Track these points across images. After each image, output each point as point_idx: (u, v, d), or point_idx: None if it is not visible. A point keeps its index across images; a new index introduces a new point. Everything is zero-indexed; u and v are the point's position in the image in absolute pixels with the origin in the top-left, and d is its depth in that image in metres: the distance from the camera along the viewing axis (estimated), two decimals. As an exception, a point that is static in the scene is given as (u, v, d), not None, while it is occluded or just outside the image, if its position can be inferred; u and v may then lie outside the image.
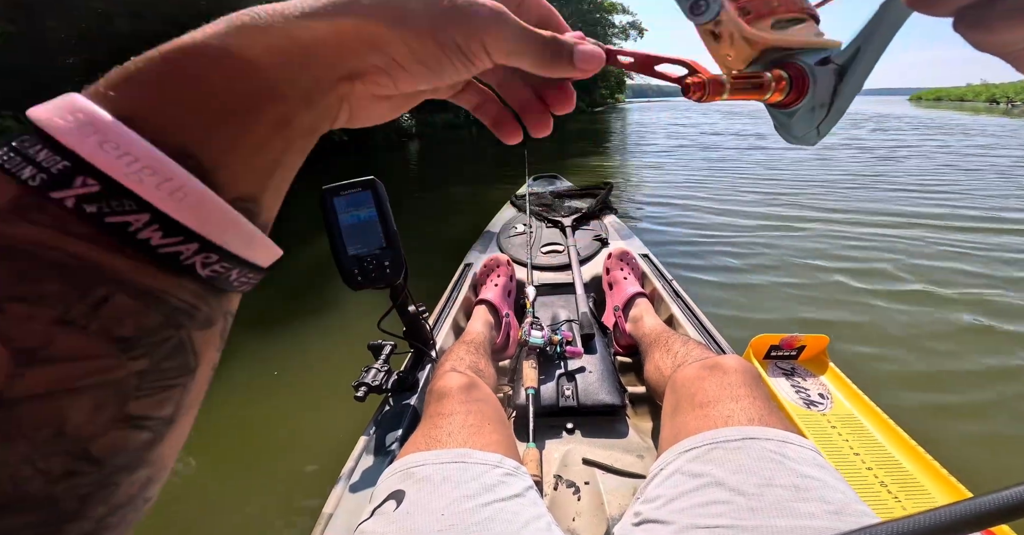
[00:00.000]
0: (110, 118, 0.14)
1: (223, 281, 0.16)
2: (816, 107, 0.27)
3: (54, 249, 0.13)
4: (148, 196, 0.14)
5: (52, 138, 0.14)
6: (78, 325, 0.13)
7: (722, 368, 0.61)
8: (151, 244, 0.14)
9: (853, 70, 0.25)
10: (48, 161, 0.14)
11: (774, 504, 0.42)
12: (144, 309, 0.15)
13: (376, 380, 0.85)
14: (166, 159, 0.14)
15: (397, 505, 0.49)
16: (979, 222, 3.32)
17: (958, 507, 0.20)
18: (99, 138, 0.14)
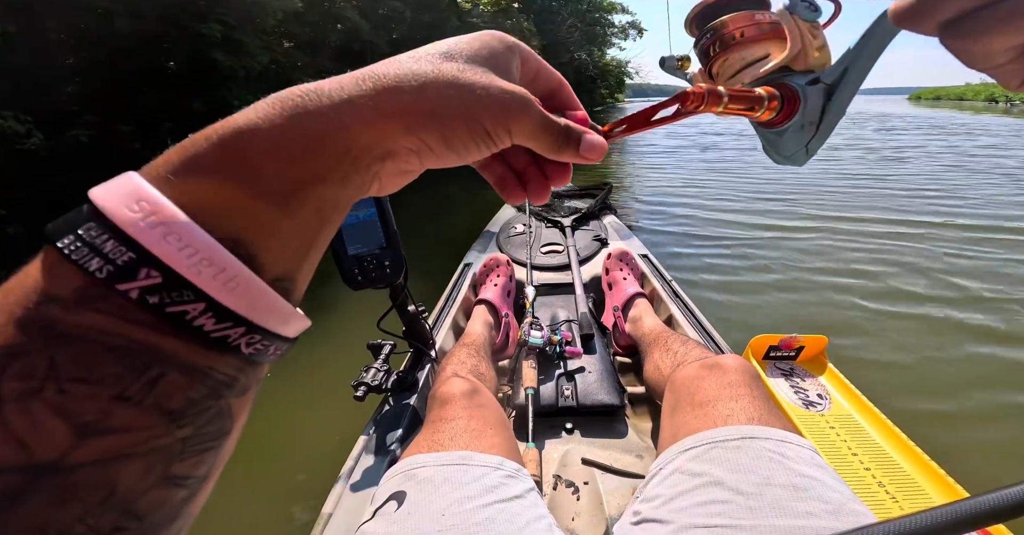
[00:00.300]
0: (174, 210, 0.15)
1: (261, 356, 0.18)
2: (805, 125, 0.27)
3: (116, 335, 0.15)
4: (205, 287, 0.15)
5: (118, 229, 0.15)
6: (134, 401, 0.15)
7: (721, 368, 0.61)
8: (204, 329, 0.16)
9: (841, 89, 0.26)
10: (114, 253, 0.14)
11: (772, 504, 0.42)
12: (192, 384, 0.16)
13: (376, 380, 0.85)
14: (222, 250, 0.15)
15: (398, 506, 0.49)
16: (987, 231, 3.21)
17: (955, 507, 0.20)
18: (163, 230, 0.15)
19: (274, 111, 0.17)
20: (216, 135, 0.17)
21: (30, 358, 0.14)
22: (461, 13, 16.02)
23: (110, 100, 5.24)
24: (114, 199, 0.15)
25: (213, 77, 5.75)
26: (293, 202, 0.17)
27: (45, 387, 0.14)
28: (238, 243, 0.16)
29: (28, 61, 4.55)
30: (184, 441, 0.16)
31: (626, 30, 39.48)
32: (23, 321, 0.14)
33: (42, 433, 0.14)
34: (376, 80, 0.19)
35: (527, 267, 1.42)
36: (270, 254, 0.17)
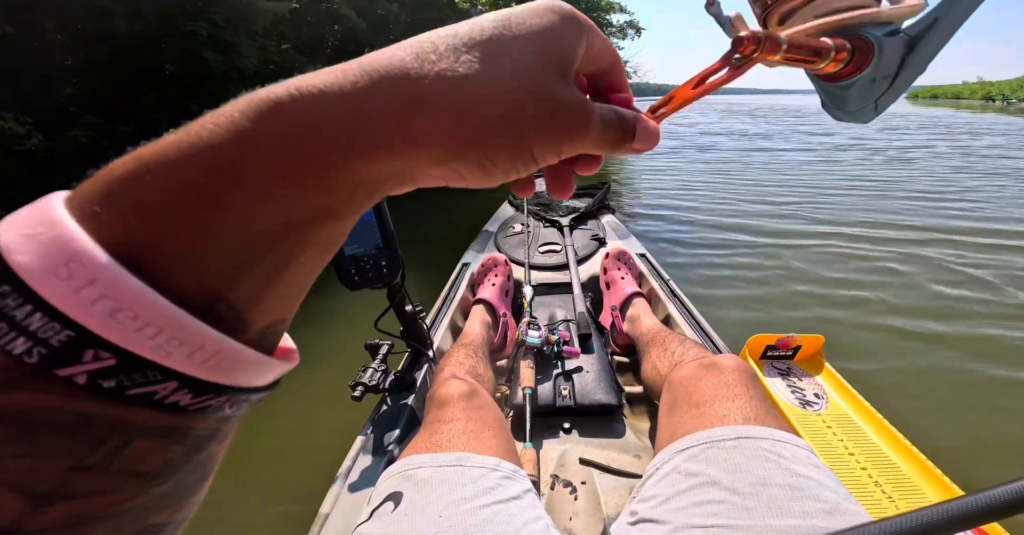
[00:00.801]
0: (119, 272, 0.11)
1: (242, 408, 0.15)
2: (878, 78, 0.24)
3: (59, 412, 0.12)
4: (177, 367, 0.12)
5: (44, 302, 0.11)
6: (96, 469, 0.12)
7: (718, 367, 0.61)
8: (180, 404, 0.13)
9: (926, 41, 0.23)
10: (45, 331, 0.11)
11: (769, 503, 0.42)
12: (168, 446, 0.14)
13: (373, 380, 0.85)
14: (195, 324, 0.12)
15: (395, 507, 0.49)
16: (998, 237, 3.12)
17: (949, 505, 0.20)
18: (109, 305, 0.11)
19: (263, 126, 0.12)
20: (175, 154, 0.12)
21: None
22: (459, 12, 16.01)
23: (109, 100, 5.25)
24: (34, 253, 0.11)
25: (212, 77, 5.75)
26: (291, 245, 0.14)
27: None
28: (217, 302, 0.13)
29: (27, 62, 4.54)
30: (161, 496, 0.14)
31: (624, 30, 39.53)
32: None
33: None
34: (402, 88, 0.14)
35: (525, 267, 1.42)
36: (261, 307, 0.14)
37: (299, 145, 0.13)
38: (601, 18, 32.97)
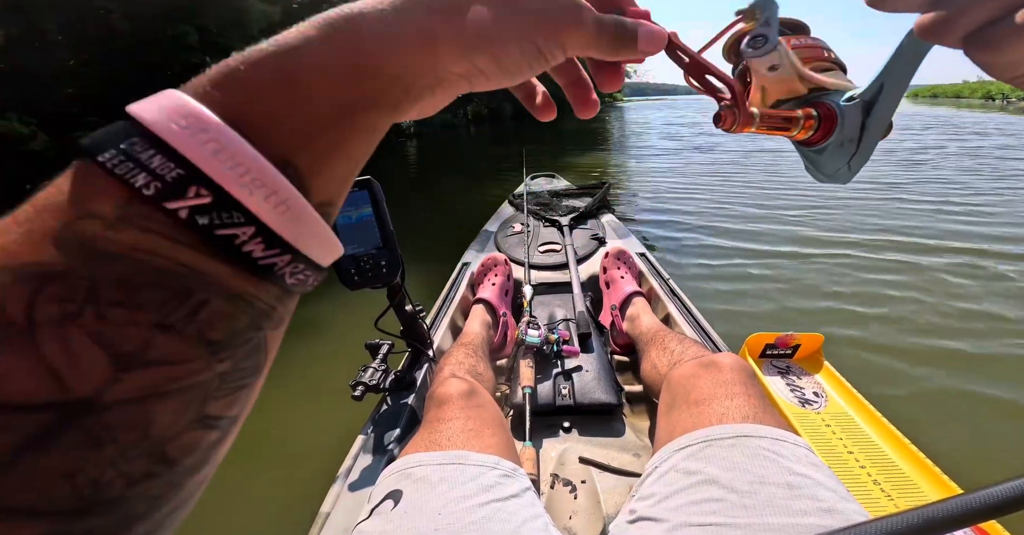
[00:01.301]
0: (224, 125, 0.14)
1: (301, 286, 0.17)
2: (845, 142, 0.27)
3: (161, 256, 0.13)
4: (255, 209, 0.14)
5: (165, 143, 0.13)
6: (175, 330, 0.14)
7: (717, 366, 0.61)
8: (253, 255, 0.15)
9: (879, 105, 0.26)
10: (162, 168, 0.13)
11: (767, 502, 0.42)
12: (235, 313, 0.15)
13: (373, 379, 0.85)
14: (275, 171, 0.15)
15: (395, 505, 0.49)
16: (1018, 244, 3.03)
17: (948, 504, 0.21)
18: (214, 147, 0.14)
19: (323, 33, 0.16)
20: (263, 53, 0.16)
21: (69, 279, 0.12)
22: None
23: (110, 101, 5.25)
24: (158, 112, 0.14)
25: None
26: (346, 126, 0.17)
27: (84, 312, 0.12)
28: (287, 165, 0.15)
29: (30, 63, 4.55)
30: (222, 376, 0.15)
31: (624, 29, 39.51)
32: (61, 238, 0.13)
33: (79, 365, 0.12)
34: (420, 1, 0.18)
35: (525, 266, 1.42)
36: (319, 178, 0.16)
37: (344, 44, 0.16)
38: (601, 17, 32.93)
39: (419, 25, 0.17)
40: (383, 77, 0.17)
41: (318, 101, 0.16)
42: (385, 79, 0.17)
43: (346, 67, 0.16)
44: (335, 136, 0.16)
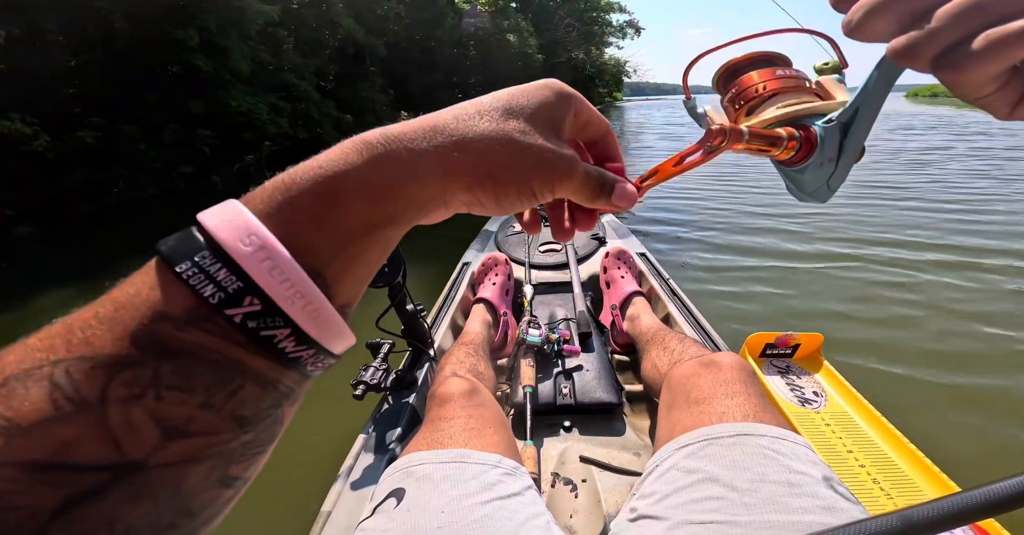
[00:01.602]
0: (280, 248, 0.17)
1: (317, 371, 0.20)
2: (824, 162, 0.29)
3: (215, 352, 0.17)
4: (294, 316, 0.17)
5: (232, 260, 0.16)
6: (215, 408, 0.17)
7: (717, 365, 0.62)
8: (286, 351, 0.18)
9: (855, 126, 0.27)
10: (226, 281, 0.16)
11: (767, 500, 0.43)
12: (263, 395, 0.18)
13: (375, 378, 0.86)
14: (312, 285, 0.17)
15: (398, 503, 0.49)
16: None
17: (947, 501, 0.21)
18: (270, 265, 0.17)
19: (362, 157, 0.19)
20: (313, 175, 0.18)
21: (139, 368, 0.15)
22: (458, 11, 15.96)
23: (111, 101, 5.24)
24: (228, 231, 0.17)
25: (214, 80, 5.75)
26: (367, 241, 0.20)
27: (146, 393, 0.15)
28: (319, 275, 0.18)
29: (31, 63, 4.54)
30: (245, 445, 0.18)
31: (624, 29, 39.46)
32: (137, 335, 0.16)
33: (136, 434, 0.15)
34: (446, 137, 0.20)
35: (525, 266, 1.42)
36: (342, 285, 0.19)
37: (380, 171, 0.19)
38: (600, 18, 32.96)
39: (442, 159, 0.20)
40: (404, 199, 0.20)
41: (351, 219, 0.19)
42: (405, 202, 0.20)
43: (376, 190, 0.19)
44: (359, 248, 0.19)
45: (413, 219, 0.21)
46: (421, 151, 0.20)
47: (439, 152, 0.20)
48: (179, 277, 0.16)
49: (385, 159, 0.19)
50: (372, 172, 0.19)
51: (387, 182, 0.19)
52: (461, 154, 0.20)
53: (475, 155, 0.21)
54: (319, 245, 0.18)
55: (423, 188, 0.20)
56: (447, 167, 0.20)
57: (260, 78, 6.76)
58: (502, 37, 19.35)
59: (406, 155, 0.20)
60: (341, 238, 0.19)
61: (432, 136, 0.20)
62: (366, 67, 10.28)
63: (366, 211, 0.19)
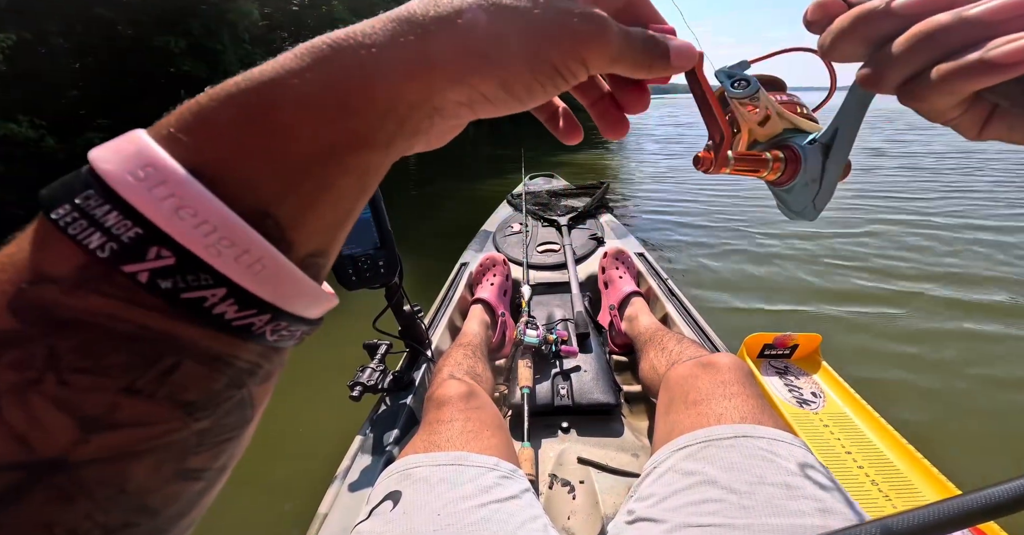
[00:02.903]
0: (186, 176, 0.13)
1: (286, 341, 0.16)
2: (809, 182, 0.30)
3: (123, 321, 0.13)
4: (226, 270, 0.13)
5: (122, 199, 0.12)
6: (145, 393, 0.13)
7: (715, 366, 0.61)
8: (225, 317, 0.14)
9: (835, 146, 0.29)
10: (119, 227, 0.12)
11: (765, 502, 0.42)
12: (211, 374, 0.14)
13: (372, 380, 0.85)
14: (246, 228, 0.13)
15: (394, 505, 0.49)
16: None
17: (946, 504, 0.21)
18: (175, 203, 0.13)
19: (303, 63, 0.14)
20: (236, 88, 0.14)
21: (27, 346, 0.12)
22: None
23: (114, 104, 5.29)
24: (116, 162, 0.13)
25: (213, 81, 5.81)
26: (332, 169, 0.15)
27: (44, 378, 0.12)
28: (265, 217, 0.14)
29: (35, 66, 4.60)
30: (201, 433, 0.15)
31: (622, 29, 39.54)
32: (18, 303, 0.12)
33: (43, 428, 0.12)
34: (414, 23, 0.16)
35: (523, 266, 1.42)
36: (303, 229, 0.15)
37: (330, 76, 0.15)
38: (599, 17, 32.93)
39: (411, 48, 0.15)
40: (373, 111, 0.15)
41: (299, 142, 0.14)
42: (375, 113, 0.15)
43: (330, 101, 0.15)
44: (321, 181, 0.15)
45: (396, 138, 0.16)
46: (383, 45, 0.15)
47: (407, 42, 0.15)
48: (57, 226, 0.12)
49: (338, 63, 0.15)
50: (317, 77, 0.14)
51: (343, 89, 0.15)
52: (437, 37, 0.16)
53: (456, 34, 0.16)
54: (258, 178, 0.14)
55: (396, 91, 0.15)
56: (421, 57, 0.15)
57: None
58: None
59: (364, 53, 0.15)
60: (291, 167, 0.14)
61: (395, 27, 0.16)
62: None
63: (320, 130, 0.14)
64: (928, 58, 0.17)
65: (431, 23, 0.16)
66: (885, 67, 0.19)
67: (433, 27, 0.16)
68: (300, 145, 0.14)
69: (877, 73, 0.19)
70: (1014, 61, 0.15)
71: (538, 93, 0.18)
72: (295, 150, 0.14)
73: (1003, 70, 0.16)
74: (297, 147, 0.14)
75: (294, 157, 0.14)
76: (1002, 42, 0.16)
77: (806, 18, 0.21)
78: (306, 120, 0.14)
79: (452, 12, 0.16)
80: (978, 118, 0.19)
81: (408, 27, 0.16)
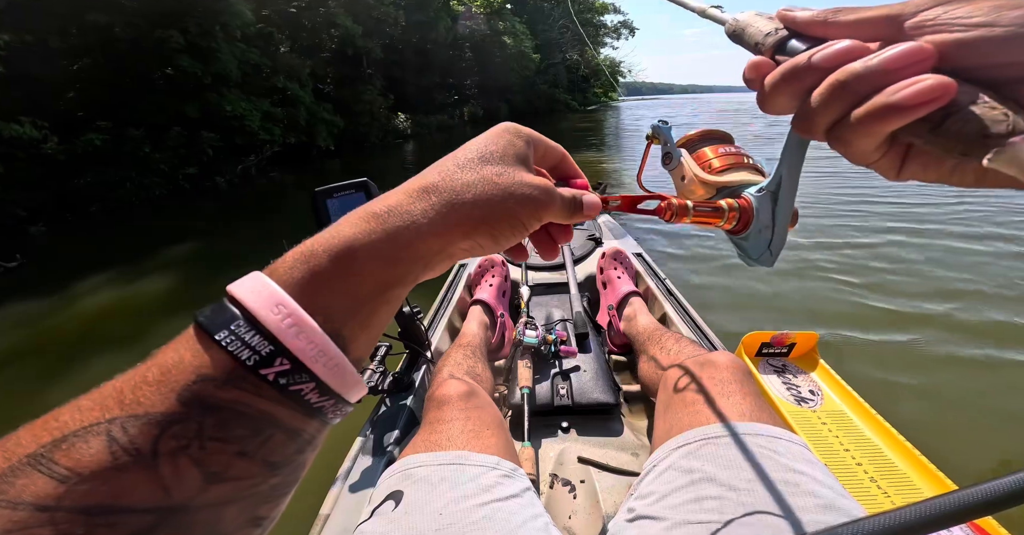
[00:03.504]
0: (305, 316, 0.20)
1: (336, 418, 0.22)
2: (762, 229, 0.31)
3: (249, 406, 0.19)
4: (317, 371, 0.20)
5: (265, 329, 0.19)
6: (250, 455, 0.19)
7: (714, 365, 0.62)
8: (311, 402, 0.20)
9: (782, 192, 0.30)
10: (259, 346, 0.19)
11: (765, 499, 0.43)
12: (290, 442, 0.20)
13: (372, 381, 0.85)
14: (333, 346, 0.20)
15: (396, 505, 0.49)
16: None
17: (944, 500, 0.21)
18: (296, 331, 0.19)
19: (370, 226, 0.22)
20: (330, 246, 0.21)
21: (185, 423, 0.18)
22: (453, 13, 15.97)
23: (112, 104, 5.27)
24: (258, 302, 0.19)
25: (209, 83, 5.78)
26: (379, 302, 0.22)
27: (191, 445, 0.18)
28: (339, 336, 0.21)
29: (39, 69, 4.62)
30: (273, 487, 0.20)
31: (618, 30, 39.57)
32: (183, 395, 0.18)
33: (182, 480, 0.17)
34: (438, 195, 0.23)
35: (522, 267, 1.42)
36: (357, 342, 0.22)
37: (390, 237, 0.22)
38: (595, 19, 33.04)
39: (441, 216, 0.23)
40: (412, 259, 0.23)
41: (365, 283, 0.21)
42: (413, 261, 0.23)
43: (389, 253, 0.22)
44: (372, 308, 0.22)
45: (420, 276, 0.24)
46: (420, 212, 0.23)
47: (436, 210, 0.23)
48: (218, 344, 0.19)
49: (392, 226, 0.22)
50: (382, 239, 0.22)
51: (398, 246, 0.22)
52: (456, 207, 0.23)
53: (468, 205, 0.23)
54: (337, 309, 0.21)
55: (428, 245, 0.23)
56: (447, 221, 0.23)
57: (253, 81, 6.78)
58: (497, 39, 19.37)
59: (409, 219, 0.22)
60: (358, 301, 0.21)
61: (426, 197, 0.23)
62: (364, 69, 10.28)
63: (381, 274, 0.22)
64: (847, 103, 0.19)
65: (450, 197, 0.23)
66: (812, 115, 0.21)
67: (452, 200, 0.23)
68: (366, 285, 0.22)
69: (807, 121, 0.21)
70: (913, 103, 0.17)
71: (512, 241, 0.26)
72: (362, 289, 0.21)
73: (906, 111, 0.18)
74: (364, 287, 0.21)
75: (361, 294, 0.21)
76: (901, 86, 0.18)
77: (744, 77, 0.24)
78: (374, 268, 0.22)
79: (463, 188, 0.24)
80: (896, 159, 0.21)
81: (435, 199, 0.23)
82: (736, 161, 0.36)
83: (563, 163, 0.31)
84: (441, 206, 0.23)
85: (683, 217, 0.31)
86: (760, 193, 0.31)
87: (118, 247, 4.27)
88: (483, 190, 0.24)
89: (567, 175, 0.31)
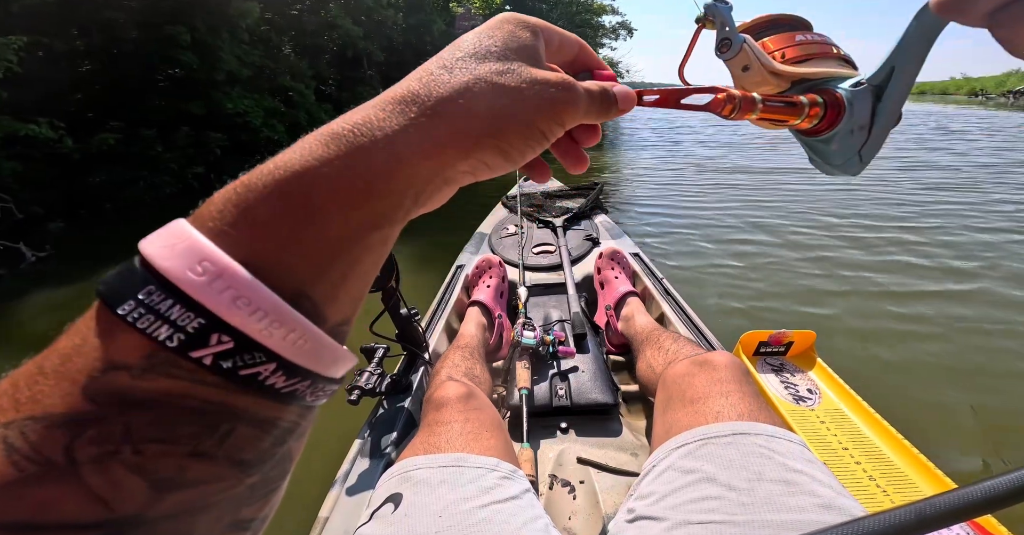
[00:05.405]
0: (241, 271, 0.14)
1: (320, 399, 0.18)
2: (855, 129, 0.26)
3: (189, 398, 0.14)
4: (277, 348, 0.15)
5: (185, 294, 0.14)
6: (208, 456, 0.15)
7: (712, 364, 0.62)
8: (275, 387, 0.16)
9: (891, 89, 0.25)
10: (183, 319, 0.14)
11: (764, 499, 0.43)
12: (261, 435, 0.16)
13: (369, 383, 0.85)
14: (290, 311, 0.15)
15: (395, 508, 0.49)
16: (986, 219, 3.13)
17: (943, 498, 0.21)
18: (232, 294, 0.14)
19: (329, 151, 0.16)
20: (272, 179, 0.15)
21: (104, 424, 0.14)
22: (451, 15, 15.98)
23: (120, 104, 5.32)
24: (174, 258, 0.14)
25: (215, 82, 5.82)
26: (357, 248, 0.17)
27: (121, 450, 0.14)
28: (301, 296, 0.16)
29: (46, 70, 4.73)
30: (252, 487, 0.17)
31: (616, 30, 39.64)
32: (91, 390, 0.14)
33: (121, 490, 0.14)
34: (420, 105, 0.17)
35: (519, 268, 1.42)
36: (334, 305, 0.17)
37: (357, 163, 0.16)
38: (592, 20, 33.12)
39: (424, 131, 0.17)
40: (395, 191, 0.17)
41: (330, 227, 0.16)
42: (397, 193, 0.17)
43: (359, 187, 0.16)
44: (349, 261, 0.17)
45: (412, 210, 0.18)
46: (399, 129, 0.17)
47: (419, 125, 0.17)
48: (123, 319, 0.14)
49: (360, 149, 0.16)
50: (348, 166, 0.16)
51: (371, 174, 0.16)
52: (446, 119, 0.18)
53: (462, 115, 0.18)
54: (296, 263, 0.15)
55: (413, 171, 0.17)
56: (436, 138, 0.17)
57: (257, 81, 6.81)
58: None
59: (382, 138, 0.17)
60: (323, 251, 0.16)
61: (405, 109, 0.17)
62: (364, 71, 10.31)
63: (351, 214, 0.16)
64: None
65: (436, 104, 0.18)
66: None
67: (439, 108, 0.18)
68: (331, 230, 0.16)
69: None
70: None
71: (528, 155, 0.20)
72: (327, 236, 0.16)
73: None
74: (329, 232, 0.16)
75: (327, 242, 0.16)
76: None
77: None
78: (336, 207, 0.16)
79: (453, 93, 0.18)
80: None
81: (417, 110, 0.17)
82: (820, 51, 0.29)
83: (582, 54, 0.25)
84: (426, 119, 0.17)
85: (748, 112, 0.25)
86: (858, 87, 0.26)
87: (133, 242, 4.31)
88: (480, 94, 0.18)
89: (588, 66, 0.25)
